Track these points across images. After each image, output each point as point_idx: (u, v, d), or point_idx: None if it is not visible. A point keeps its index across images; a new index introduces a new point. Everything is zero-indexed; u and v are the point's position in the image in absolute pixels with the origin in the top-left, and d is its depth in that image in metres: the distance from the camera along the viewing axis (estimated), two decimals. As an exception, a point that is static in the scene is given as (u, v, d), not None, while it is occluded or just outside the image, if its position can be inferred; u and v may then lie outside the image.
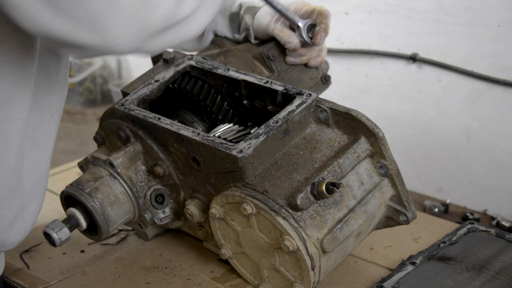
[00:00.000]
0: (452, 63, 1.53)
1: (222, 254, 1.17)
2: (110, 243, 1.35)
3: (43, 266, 1.27)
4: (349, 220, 1.07)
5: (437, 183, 1.63)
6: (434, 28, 1.55)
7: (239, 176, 1.07)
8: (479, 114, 1.52)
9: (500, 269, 1.20)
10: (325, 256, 1.06)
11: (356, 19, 1.70)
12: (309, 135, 1.14)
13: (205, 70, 1.26)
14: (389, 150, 1.11)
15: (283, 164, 1.09)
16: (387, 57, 1.66)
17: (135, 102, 1.21)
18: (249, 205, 1.04)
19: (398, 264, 1.23)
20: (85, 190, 1.14)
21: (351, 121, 1.10)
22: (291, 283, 1.08)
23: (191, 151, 1.12)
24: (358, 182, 1.10)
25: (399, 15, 1.60)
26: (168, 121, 1.14)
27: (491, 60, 1.47)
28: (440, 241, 1.29)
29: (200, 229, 1.24)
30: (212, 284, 1.20)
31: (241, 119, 1.26)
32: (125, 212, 1.18)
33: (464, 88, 1.53)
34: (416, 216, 1.15)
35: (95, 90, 2.29)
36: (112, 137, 1.24)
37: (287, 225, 1.02)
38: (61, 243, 1.11)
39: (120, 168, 1.17)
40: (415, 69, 1.61)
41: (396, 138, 1.62)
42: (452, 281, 1.16)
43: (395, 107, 1.68)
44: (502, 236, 1.31)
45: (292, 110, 1.11)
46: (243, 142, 1.06)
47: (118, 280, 1.22)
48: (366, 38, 1.69)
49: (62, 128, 2.04)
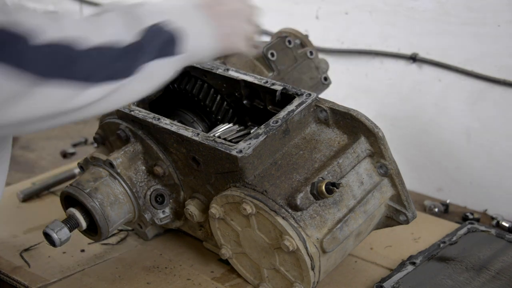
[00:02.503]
0: (452, 63, 1.53)
1: (222, 254, 1.17)
2: (110, 243, 1.35)
3: (43, 264, 1.27)
4: (349, 220, 1.07)
5: (437, 183, 1.63)
6: (434, 28, 1.55)
7: (239, 176, 1.07)
8: (479, 114, 1.52)
9: (500, 269, 1.20)
10: (325, 256, 1.06)
11: (356, 19, 1.70)
12: (309, 135, 1.14)
13: (205, 70, 1.26)
14: (389, 150, 1.11)
15: (283, 164, 1.09)
16: (387, 57, 1.66)
17: (134, 102, 1.21)
18: (249, 205, 1.04)
19: (398, 264, 1.23)
20: (85, 190, 1.14)
21: (351, 121, 1.10)
22: (291, 283, 1.08)
23: (191, 151, 1.12)
24: (358, 182, 1.10)
25: (399, 15, 1.60)
26: (168, 121, 1.14)
27: (491, 60, 1.47)
28: (440, 241, 1.29)
29: (200, 229, 1.24)
30: (212, 284, 1.20)
31: (241, 119, 1.26)
32: (125, 212, 1.18)
33: (464, 88, 1.53)
34: (416, 216, 1.15)
35: (95, 90, 2.30)
36: (112, 137, 1.24)
37: (287, 225, 1.02)
38: (61, 243, 1.11)
39: (120, 168, 1.17)
40: (415, 69, 1.61)
41: (396, 138, 1.61)
42: (452, 281, 1.16)
43: (395, 107, 1.68)
44: (502, 236, 1.31)
45: (292, 110, 1.11)
46: (243, 142, 1.06)
47: (118, 280, 1.22)
48: (366, 38, 1.69)
49: (62, 128, 2.04)
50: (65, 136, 1.98)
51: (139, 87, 0.94)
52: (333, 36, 1.74)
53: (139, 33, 0.91)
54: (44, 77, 0.80)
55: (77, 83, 0.83)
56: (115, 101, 0.91)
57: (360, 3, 1.68)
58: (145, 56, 0.91)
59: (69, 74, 0.82)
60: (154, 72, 0.94)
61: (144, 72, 0.92)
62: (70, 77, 0.82)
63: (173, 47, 0.95)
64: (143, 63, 0.91)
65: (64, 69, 0.82)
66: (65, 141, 1.94)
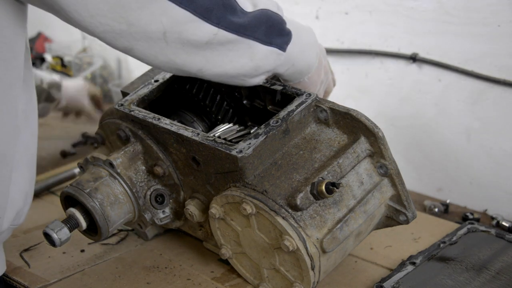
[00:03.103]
0: (452, 63, 1.53)
1: (222, 254, 1.17)
2: (110, 243, 1.35)
3: (43, 265, 1.27)
4: (349, 220, 1.07)
5: (437, 183, 1.63)
6: (434, 28, 1.55)
7: (239, 176, 1.07)
8: (479, 114, 1.52)
9: (500, 269, 1.20)
10: (325, 256, 1.06)
11: (356, 19, 1.70)
12: (309, 135, 1.14)
13: (205, 70, 1.26)
14: (389, 150, 1.11)
15: (283, 164, 1.09)
16: (387, 57, 1.66)
17: (134, 102, 1.21)
18: (249, 205, 1.04)
19: (398, 264, 1.23)
20: (85, 190, 1.14)
21: (351, 121, 1.10)
22: (291, 283, 1.08)
23: (191, 151, 1.12)
24: (358, 182, 1.10)
25: (399, 15, 1.60)
26: (167, 121, 1.14)
27: (491, 60, 1.47)
28: (440, 241, 1.29)
29: (200, 229, 1.24)
30: (212, 284, 1.20)
31: (241, 119, 1.26)
32: (125, 212, 1.18)
33: (464, 88, 1.53)
34: (416, 216, 1.15)
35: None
36: (112, 137, 1.24)
37: (287, 225, 1.02)
38: (61, 243, 1.11)
39: (120, 168, 1.17)
40: (415, 69, 1.61)
41: (396, 138, 1.61)
42: (452, 281, 1.16)
43: (395, 107, 1.68)
44: (502, 236, 1.31)
45: (292, 110, 1.11)
46: (243, 142, 1.06)
47: (118, 280, 1.22)
48: (366, 38, 1.69)
49: (62, 128, 2.05)
50: (65, 136, 1.98)
51: (238, 57, 1.03)
52: (333, 36, 1.74)
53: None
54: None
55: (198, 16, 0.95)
56: (216, 57, 1.00)
57: (360, 3, 1.68)
58: (255, 32, 1.02)
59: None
60: (256, 53, 1.04)
61: (249, 44, 1.02)
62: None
63: (280, 40, 1.06)
64: (251, 38, 1.02)
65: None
66: (65, 141, 1.95)
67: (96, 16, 0.90)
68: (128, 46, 0.95)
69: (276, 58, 1.07)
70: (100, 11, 0.89)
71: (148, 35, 0.94)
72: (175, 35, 0.95)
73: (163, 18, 0.92)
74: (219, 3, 0.96)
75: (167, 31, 0.94)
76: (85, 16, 0.89)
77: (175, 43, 0.96)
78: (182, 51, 0.97)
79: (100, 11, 0.89)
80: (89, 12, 0.89)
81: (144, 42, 0.95)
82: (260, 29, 1.02)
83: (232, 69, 1.03)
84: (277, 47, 1.06)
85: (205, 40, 0.97)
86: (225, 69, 1.03)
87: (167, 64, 1.00)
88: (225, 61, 1.02)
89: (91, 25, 0.91)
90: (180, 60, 0.99)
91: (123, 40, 0.94)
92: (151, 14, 0.91)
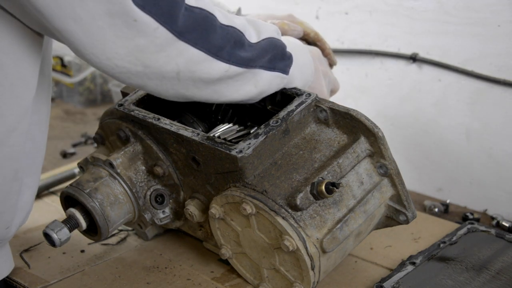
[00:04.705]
0: (452, 63, 1.53)
1: (222, 254, 1.17)
2: (110, 243, 1.35)
3: (43, 265, 1.27)
4: (349, 220, 1.07)
5: (437, 183, 1.63)
6: (434, 28, 1.55)
7: (239, 176, 1.07)
8: (479, 114, 1.52)
9: (500, 269, 1.20)
10: (325, 256, 1.06)
11: (356, 19, 1.70)
12: (309, 135, 1.14)
13: (205, 70, 1.26)
14: (389, 150, 1.11)
15: (283, 164, 1.09)
16: (387, 57, 1.66)
17: (134, 102, 1.21)
18: (249, 205, 1.04)
19: (398, 264, 1.23)
20: (85, 191, 1.14)
21: (351, 120, 1.10)
22: (291, 283, 1.08)
23: (190, 151, 1.12)
24: (357, 182, 1.10)
25: (399, 15, 1.60)
26: (167, 121, 1.14)
27: (491, 60, 1.47)
28: (440, 241, 1.29)
29: (200, 229, 1.24)
30: (212, 284, 1.20)
31: (241, 119, 1.26)
32: (125, 213, 1.18)
33: (464, 88, 1.53)
34: (416, 215, 1.15)
35: (95, 90, 2.29)
36: (112, 137, 1.24)
37: (287, 225, 1.02)
38: (61, 243, 1.11)
39: (120, 168, 1.17)
40: (415, 69, 1.61)
41: (396, 138, 1.62)
42: (452, 281, 1.16)
43: (395, 107, 1.68)
44: (502, 236, 1.31)
45: (292, 110, 1.11)
46: (243, 142, 1.06)
47: (118, 280, 1.22)
48: (366, 38, 1.69)
49: (62, 128, 2.05)
50: (65, 136, 1.98)
51: (244, 85, 1.05)
52: (333, 36, 1.74)
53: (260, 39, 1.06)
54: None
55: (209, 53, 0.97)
56: (223, 88, 1.04)
57: (360, 3, 1.68)
58: (260, 60, 1.05)
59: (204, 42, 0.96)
60: (260, 79, 1.07)
61: (254, 73, 1.05)
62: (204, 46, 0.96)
63: (282, 64, 1.10)
64: (257, 67, 1.05)
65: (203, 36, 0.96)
66: (65, 141, 1.95)
67: (113, 59, 0.91)
68: (141, 84, 0.98)
69: (280, 82, 1.11)
70: (117, 55, 0.91)
71: (162, 75, 0.96)
72: (188, 74, 0.98)
73: (179, 59, 0.95)
74: (230, 40, 0.99)
75: (181, 70, 0.97)
76: (102, 59, 0.91)
77: (187, 80, 0.99)
78: (193, 87, 1.01)
79: (118, 55, 0.91)
80: (106, 56, 0.91)
81: (158, 81, 0.98)
82: (266, 57, 1.06)
83: (238, 96, 1.07)
84: (280, 71, 1.09)
85: (217, 77, 1.00)
86: (231, 97, 1.07)
87: (176, 96, 1.03)
88: (232, 91, 1.05)
89: (107, 67, 0.93)
90: (190, 93, 1.02)
91: (137, 79, 0.96)
92: (167, 56, 0.94)
